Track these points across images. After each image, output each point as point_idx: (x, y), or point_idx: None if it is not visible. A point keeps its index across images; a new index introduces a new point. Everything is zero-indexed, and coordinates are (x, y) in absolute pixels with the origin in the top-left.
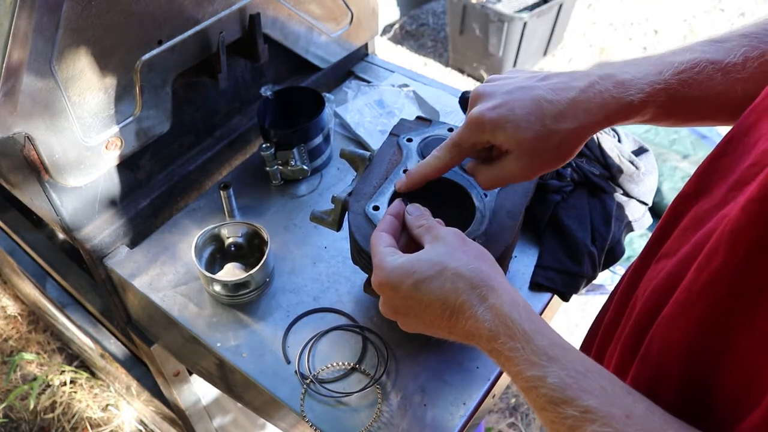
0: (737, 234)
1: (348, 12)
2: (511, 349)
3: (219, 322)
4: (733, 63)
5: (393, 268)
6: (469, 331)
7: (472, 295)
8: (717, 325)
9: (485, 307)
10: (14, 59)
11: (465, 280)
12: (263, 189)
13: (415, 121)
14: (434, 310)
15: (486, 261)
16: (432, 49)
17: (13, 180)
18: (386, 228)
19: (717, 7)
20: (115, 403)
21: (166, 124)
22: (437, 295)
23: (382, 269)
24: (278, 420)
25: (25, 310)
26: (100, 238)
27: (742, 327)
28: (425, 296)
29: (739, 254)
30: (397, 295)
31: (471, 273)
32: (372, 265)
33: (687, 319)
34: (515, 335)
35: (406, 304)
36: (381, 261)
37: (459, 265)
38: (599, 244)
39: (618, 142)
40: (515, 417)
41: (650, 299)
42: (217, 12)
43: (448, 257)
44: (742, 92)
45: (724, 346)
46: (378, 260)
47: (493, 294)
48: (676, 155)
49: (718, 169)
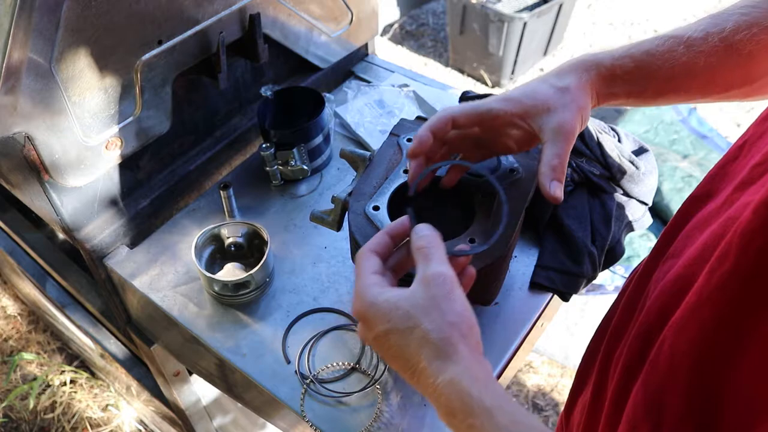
0: (748, 237)
1: (348, 12)
2: (469, 426)
3: (219, 322)
4: (694, 37)
5: (371, 304)
6: (428, 392)
7: (433, 364)
8: (727, 329)
9: (446, 380)
10: (14, 59)
11: (431, 346)
12: (263, 189)
13: (415, 121)
14: (399, 363)
15: (460, 328)
16: (432, 49)
17: (13, 180)
18: (376, 247)
19: (717, 7)
20: (115, 403)
21: (166, 124)
22: (403, 351)
23: (362, 301)
24: (278, 420)
25: (25, 310)
26: (100, 238)
27: (752, 331)
28: (393, 347)
29: (750, 257)
30: (369, 333)
31: (438, 341)
32: None
33: (697, 322)
34: (474, 412)
35: (377, 343)
36: (362, 290)
37: (430, 329)
38: (599, 244)
39: (618, 142)
40: None
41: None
42: (217, 12)
43: (424, 314)
44: (705, 64)
45: (734, 351)
46: (360, 287)
47: (457, 368)
48: (676, 155)
49: (728, 173)
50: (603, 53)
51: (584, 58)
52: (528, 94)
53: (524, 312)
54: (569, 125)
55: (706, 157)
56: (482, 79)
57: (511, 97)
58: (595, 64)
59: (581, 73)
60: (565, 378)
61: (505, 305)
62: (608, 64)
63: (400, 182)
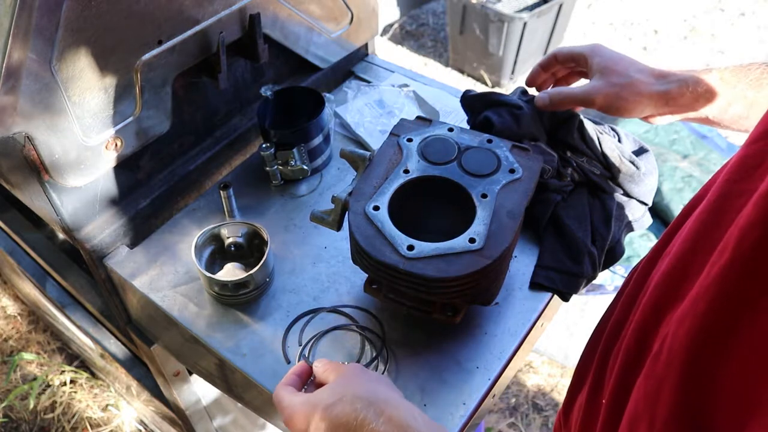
0: (745, 230)
1: (348, 12)
2: None
3: (219, 322)
4: None
5: (301, 402)
6: None
7: (369, 411)
8: (721, 322)
9: (384, 419)
10: (14, 59)
11: (362, 400)
12: (263, 189)
13: (415, 121)
14: (343, 428)
15: (382, 383)
16: (432, 49)
17: (13, 180)
18: (289, 382)
19: (717, 7)
20: (115, 403)
21: (166, 124)
22: (340, 418)
23: (293, 405)
24: (278, 420)
25: (25, 310)
26: (100, 238)
27: (745, 325)
28: (332, 421)
29: (746, 250)
30: (304, 427)
31: (367, 393)
32: (369, 265)
33: (693, 315)
34: None
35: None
36: (290, 401)
37: (356, 389)
38: (599, 244)
39: (618, 143)
40: (515, 417)
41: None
42: (217, 12)
43: (346, 385)
44: None
45: (727, 345)
46: (286, 402)
47: (388, 407)
48: (676, 155)
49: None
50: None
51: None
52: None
53: (524, 312)
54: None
55: (706, 157)
56: (482, 79)
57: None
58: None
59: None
60: (565, 378)
61: (505, 305)
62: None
63: (400, 182)
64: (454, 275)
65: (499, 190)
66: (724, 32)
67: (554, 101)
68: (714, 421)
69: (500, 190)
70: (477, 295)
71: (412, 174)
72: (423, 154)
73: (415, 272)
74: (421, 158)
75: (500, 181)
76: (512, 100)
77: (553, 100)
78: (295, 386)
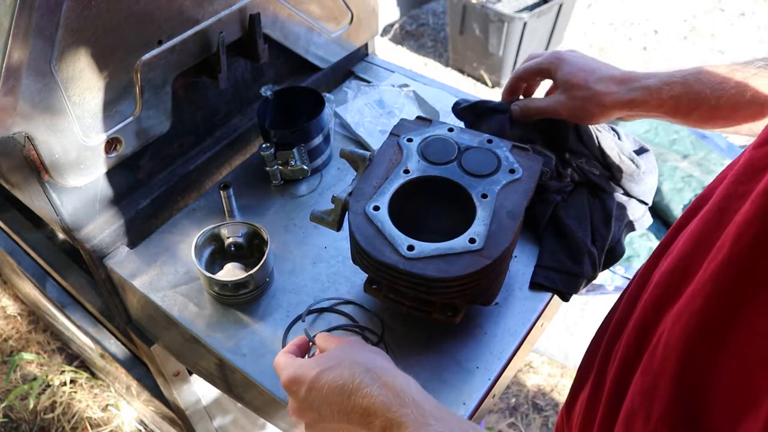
0: (742, 227)
1: (348, 12)
2: (402, 415)
3: (219, 322)
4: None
5: (299, 365)
6: (365, 409)
7: (366, 376)
8: (716, 319)
9: (379, 384)
10: (14, 59)
11: (361, 365)
12: (263, 189)
13: (415, 121)
14: (334, 397)
15: (380, 355)
16: (432, 49)
17: (13, 180)
18: (288, 350)
19: (717, 7)
20: (115, 403)
21: (166, 124)
22: (336, 382)
23: (289, 366)
24: (278, 420)
25: (25, 310)
26: (100, 238)
27: (739, 322)
28: (326, 384)
29: (743, 247)
30: (302, 388)
31: (365, 360)
32: (369, 265)
33: (689, 312)
34: (406, 403)
35: (309, 397)
36: (289, 363)
37: (355, 356)
38: (599, 244)
39: (618, 140)
40: (515, 417)
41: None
42: (217, 12)
43: (346, 352)
44: (750, 96)
45: (721, 342)
46: (285, 364)
47: (385, 374)
48: (676, 155)
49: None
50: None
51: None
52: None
53: (524, 312)
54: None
55: (706, 157)
56: (482, 79)
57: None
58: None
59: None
60: (565, 378)
61: (505, 305)
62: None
63: (400, 182)
64: (454, 275)
65: (499, 191)
66: (724, 32)
67: (524, 113)
68: (709, 416)
69: (500, 191)
70: (477, 295)
71: (412, 174)
72: (423, 154)
73: (415, 272)
74: (421, 158)
75: (500, 181)
76: (501, 106)
77: (522, 111)
78: (294, 355)
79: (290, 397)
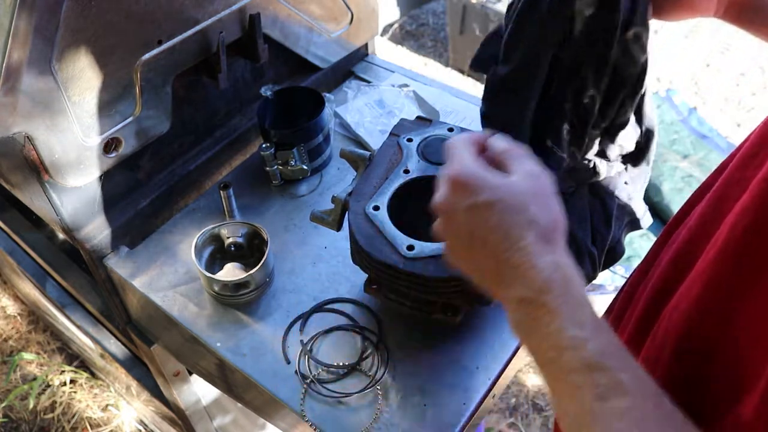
0: (739, 216)
1: (348, 12)
2: (561, 304)
3: (219, 322)
4: None
5: (478, 174)
6: (519, 273)
7: (538, 245)
8: (714, 303)
9: (549, 260)
10: (14, 59)
11: (539, 228)
12: (263, 189)
13: (415, 121)
14: (494, 238)
15: (562, 228)
16: (432, 49)
17: (13, 180)
18: (471, 140)
19: None
20: (115, 403)
21: (166, 124)
22: (506, 225)
23: (466, 168)
24: (278, 420)
25: (25, 310)
26: (100, 238)
27: (738, 309)
28: (494, 218)
29: (738, 236)
30: (465, 200)
31: (546, 228)
32: (369, 265)
33: (687, 299)
34: (569, 294)
35: (472, 211)
36: (467, 161)
37: (539, 214)
38: (599, 244)
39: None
40: (515, 417)
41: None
42: (217, 12)
43: (533, 200)
44: None
45: (720, 327)
46: (462, 157)
47: (559, 253)
48: (676, 155)
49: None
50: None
51: None
52: None
53: None
54: None
55: (706, 157)
56: (482, 80)
57: None
58: None
59: None
60: None
61: None
62: None
63: (400, 182)
64: (454, 275)
65: None
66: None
67: None
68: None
69: None
70: (477, 295)
71: (412, 174)
72: (423, 154)
73: (415, 272)
74: (421, 158)
75: None
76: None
77: None
78: (475, 150)
79: (449, 198)
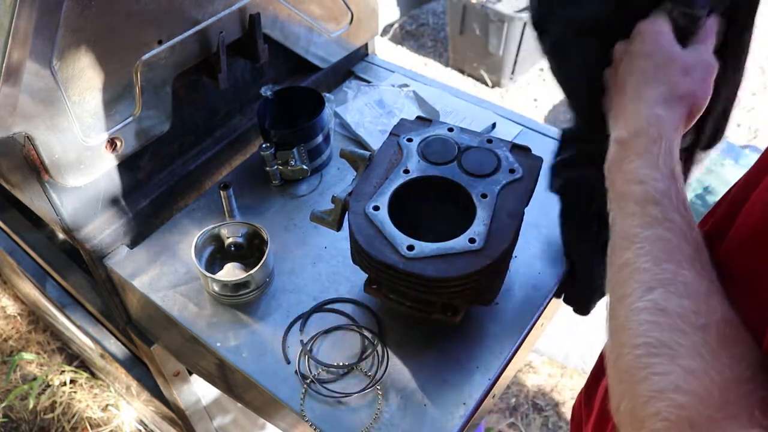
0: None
1: (348, 12)
2: (646, 150)
3: (219, 322)
4: None
5: (671, 37)
6: (628, 113)
7: (657, 99)
8: None
9: (654, 113)
10: (14, 59)
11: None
12: (263, 189)
13: (415, 121)
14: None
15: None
16: (432, 49)
17: (13, 180)
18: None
19: None
20: (115, 403)
21: (166, 124)
22: (669, 80)
23: (665, 27)
24: (278, 420)
25: (25, 310)
26: (100, 238)
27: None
28: (679, 58)
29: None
30: (653, 46)
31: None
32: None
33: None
34: (658, 145)
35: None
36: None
37: (680, 81)
38: None
39: None
40: (515, 417)
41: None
42: (217, 12)
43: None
44: None
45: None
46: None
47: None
48: None
49: None
50: None
51: None
52: None
53: (524, 312)
54: None
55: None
56: (482, 79)
57: None
58: None
59: None
60: (565, 378)
61: (505, 305)
62: None
63: (400, 182)
64: (454, 275)
65: (499, 190)
66: None
67: None
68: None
69: (500, 190)
70: (477, 295)
71: (412, 174)
72: (423, 154)
73: (415, 272)
74: (421, 158)
75: (500, 181)
76: None
77: None
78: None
79: (645, 35)
